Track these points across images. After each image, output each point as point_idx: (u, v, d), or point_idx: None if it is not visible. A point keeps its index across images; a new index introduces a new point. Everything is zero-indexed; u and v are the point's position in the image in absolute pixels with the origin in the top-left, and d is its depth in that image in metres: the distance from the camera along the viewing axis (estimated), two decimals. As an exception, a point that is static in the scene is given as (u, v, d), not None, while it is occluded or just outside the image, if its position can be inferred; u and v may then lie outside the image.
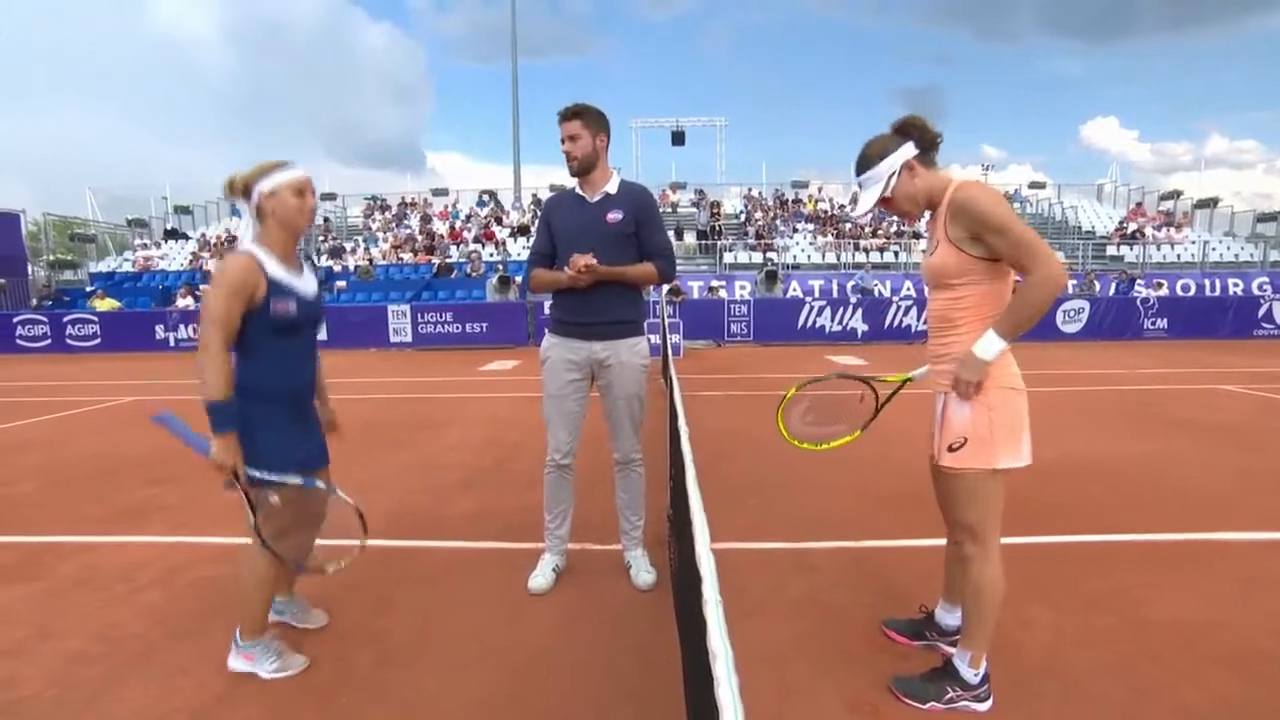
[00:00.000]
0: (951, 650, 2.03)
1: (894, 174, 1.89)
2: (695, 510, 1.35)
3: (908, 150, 1.89)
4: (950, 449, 1.90)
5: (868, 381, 2.24)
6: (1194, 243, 19.43)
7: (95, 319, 15.17)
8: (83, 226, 22.94)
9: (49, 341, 15.07)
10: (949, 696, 1.92)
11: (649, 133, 27.24)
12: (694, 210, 22.92)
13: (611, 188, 2.67)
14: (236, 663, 2.18)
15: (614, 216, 2.62)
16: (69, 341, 15.02)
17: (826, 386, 2.26)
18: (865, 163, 1.92)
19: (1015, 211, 1.80)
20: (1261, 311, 14.58)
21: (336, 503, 2.17)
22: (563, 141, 2.60)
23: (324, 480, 2.19)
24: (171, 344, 14.83)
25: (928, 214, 1.99)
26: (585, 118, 2.59)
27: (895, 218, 21.36)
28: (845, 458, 4.65)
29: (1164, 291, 15.66)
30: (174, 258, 21.12)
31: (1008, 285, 1.88)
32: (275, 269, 2.05)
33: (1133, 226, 20.41)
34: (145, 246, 21.91)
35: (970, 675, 1.92)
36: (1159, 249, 19.37)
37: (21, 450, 5.37)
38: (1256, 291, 16.23)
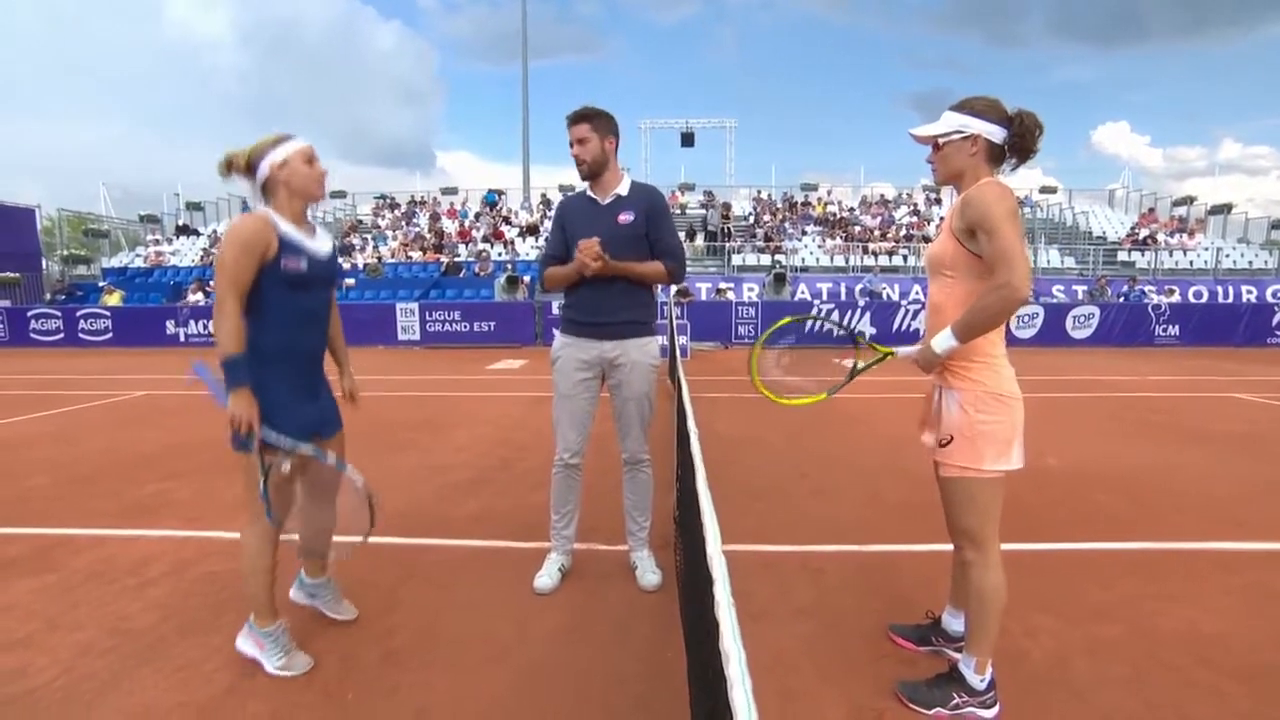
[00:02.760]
0: (958, 656, 2.02)
1: (963, 133, 1.86)
2: (706, 512, 1.35)
3: (994, 131, 1.84)
4: (940, 444, 1.93)
5: (857, 343, 2.10)
6: (1207, 249, 19.26)
7: (107, 314, 15.32)
8: (96, 222, 23.17)
9: (61, 335, 15.24)
10: (954, 702, 1.92)
11: (658, 134, 27.24)
12: (703, 211, 22.91)
13: (623, 189, 2.67)
14: (245, 644, 2.20)
15: (625, 218, 2.63)
16: (81, 335, 15.18)
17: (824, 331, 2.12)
18: (965, 105, 1.88)
19: (1018, 221, 1.76)
20: (1275, 319, 14.44)
21: (345, 484, 2.15)
22: (571, 145, 2.61)
23: (336, 456, 2.17)
24: (182, 339, 14.96)
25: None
26: (593, 121, 2.59)
27: (904, 221, 21.12)
28: (853, 461, 4.67)
29: (1176, 298, 15.53)
30: (185, 253, 21.27)
31: None
32: (287, 228, 2.08)
33: (1145, 232, 20.25)
34: (157, 242, 22.08)
35: (976, 681, 1.92)
36: (1171, 255, 19.21)
37: (34, 444, 5.42)
38: (1270, 299, 16.03)
